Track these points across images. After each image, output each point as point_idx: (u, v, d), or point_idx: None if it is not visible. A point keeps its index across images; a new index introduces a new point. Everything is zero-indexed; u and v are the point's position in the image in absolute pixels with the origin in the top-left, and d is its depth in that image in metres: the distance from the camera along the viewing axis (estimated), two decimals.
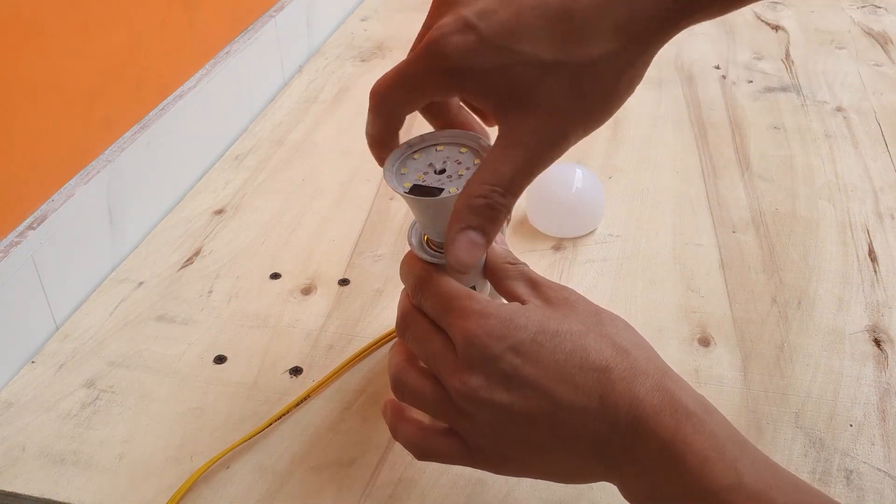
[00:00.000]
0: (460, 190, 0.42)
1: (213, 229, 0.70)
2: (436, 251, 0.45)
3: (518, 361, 0.40)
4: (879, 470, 0.49)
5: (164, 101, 0.72)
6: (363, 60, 0.97)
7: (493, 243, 0.45)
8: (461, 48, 0.38)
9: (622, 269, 0.65)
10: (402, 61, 0.41)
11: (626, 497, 0.40)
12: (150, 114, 0.70)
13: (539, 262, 0.66)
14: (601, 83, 0.39)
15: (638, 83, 0.41)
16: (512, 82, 0.39)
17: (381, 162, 0.46)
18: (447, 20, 0.39)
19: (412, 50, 0.43)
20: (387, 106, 0.43)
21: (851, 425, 0.52)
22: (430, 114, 0.46)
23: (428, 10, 0.43)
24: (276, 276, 0.65)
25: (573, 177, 0.67)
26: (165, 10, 0.70)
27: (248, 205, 0.73)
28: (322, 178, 0.76)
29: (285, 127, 0.84)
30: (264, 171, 0.77)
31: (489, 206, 0.40)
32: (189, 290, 0.63)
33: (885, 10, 1.09)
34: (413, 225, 0.47)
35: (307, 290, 0.63)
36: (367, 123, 0.45)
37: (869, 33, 1.02)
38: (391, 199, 0.73)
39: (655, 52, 0.40)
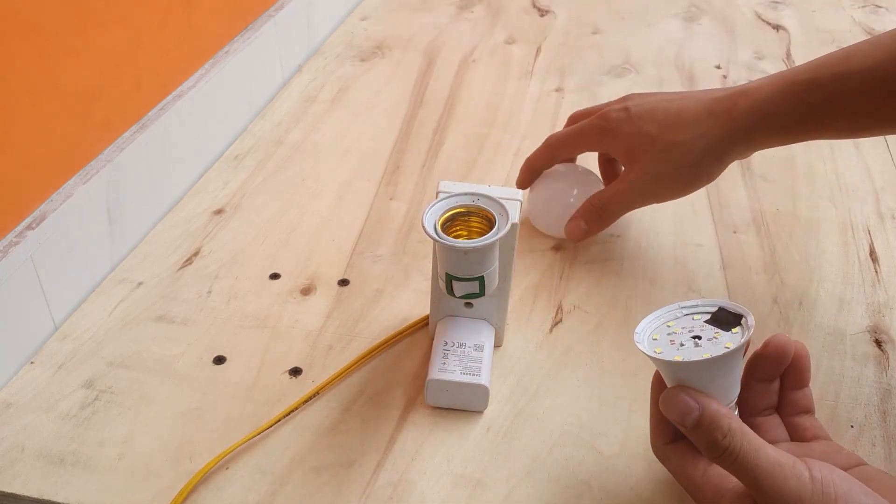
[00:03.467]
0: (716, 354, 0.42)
1: (212, 229, 0.69)
2: None
3: None
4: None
5: (164, 101, 0.72)
6: (363, 60, 0.97)
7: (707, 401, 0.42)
8: (615, 119, 0.62)
9: (623, 269, 0.65)
10: (577, 125, 0.66)
11: None
12: (150, 113, 0.70)
13: (539, 263, 0.65)
14: (685, 158, 0.60)
15: (716, 173, 0.61)
16: (632, 146, 0.61)
17: (524, 183, 0.68)
18: (616, 104, 0.64)
19: (571, 120, 0.70)
20: (559, 148, 0.67)
21: (852, 426, 0.52)
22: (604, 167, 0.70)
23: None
24: (275, 276, 0.64)
25: (574, 176, 0.67)
26: (165, 9, 0.70)
27: (248, 205, 0.72)
28: (322, 178, 0.76)
29: (285, 127, 0.84)
30: (264, 171, 0.77)
31: (590, 211, 0.64)
32: (188, 291, 0.63)
33: (886, 9, 1.09)
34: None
35: (307, 291, 0.63)
36: (535, 154, 0.68)
37: (870, 33, 1.02)
38: (391, 199, 0.73)
39: (734, 157, 0.60)
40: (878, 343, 0.58)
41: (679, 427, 0.42)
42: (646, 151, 0.60)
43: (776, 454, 0.39)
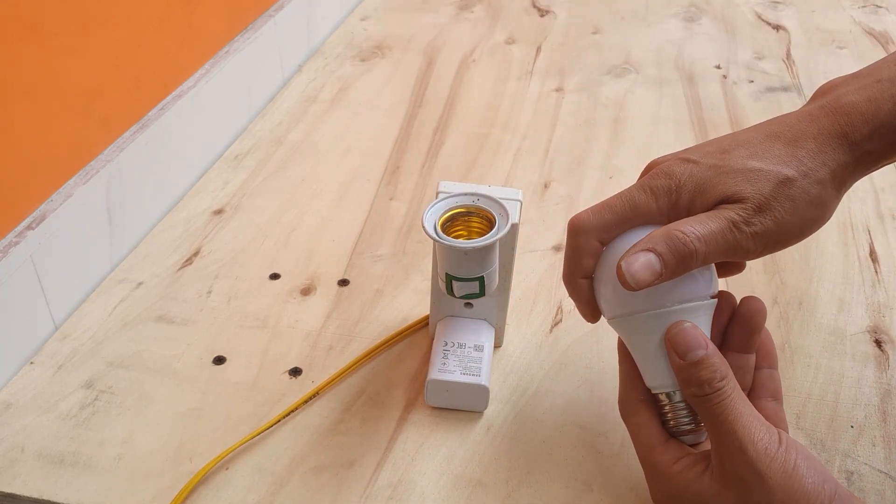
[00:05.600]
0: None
1: (212, 229, 0.69)
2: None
3: None
4: (880, 471, 0.49)
5: (164, 101, 0.72)
6: (363, 60, 0.97)
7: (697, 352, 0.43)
8: (684, 172, 0.46)
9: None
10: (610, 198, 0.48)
11: None
12: (150, 113, 0.70)
13: (539, 263, 0.65)
14: (807, 194, 0.44)
15: (825, 213, 0.45)
16: (726, 189, 0.44)
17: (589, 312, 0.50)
18: (667, 160, 0.47)
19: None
20: (593, 231, 0.47)
21: (852, 426, 0.52)
22: None
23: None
24: (275, 276, 0.64)
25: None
26: (165, 9, 0.70)
27: (248, 205, 0.72)
28: (322, 178, 0.76)
29: (285, 127, 0.84)
30: (263, 170, 0.77)
31: (682, 242, 0.42)
32: (188, 291, 0.63)
33: (886, 9, 1.09)
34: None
35: (307, 291, 0.63)
36: (567, 259, 0.48)
37: (870, 33, 1.02)
38: (391, 199, 0.73)
39: (839, 189, 0.45)
40: (878, 343, 0.58)
41: (675, 359, 0.43)
42: (742, 185, 0.44)
43: (756, 412, 0.42)
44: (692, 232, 0.42)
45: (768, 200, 0.43)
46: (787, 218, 0.43)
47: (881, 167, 0.46)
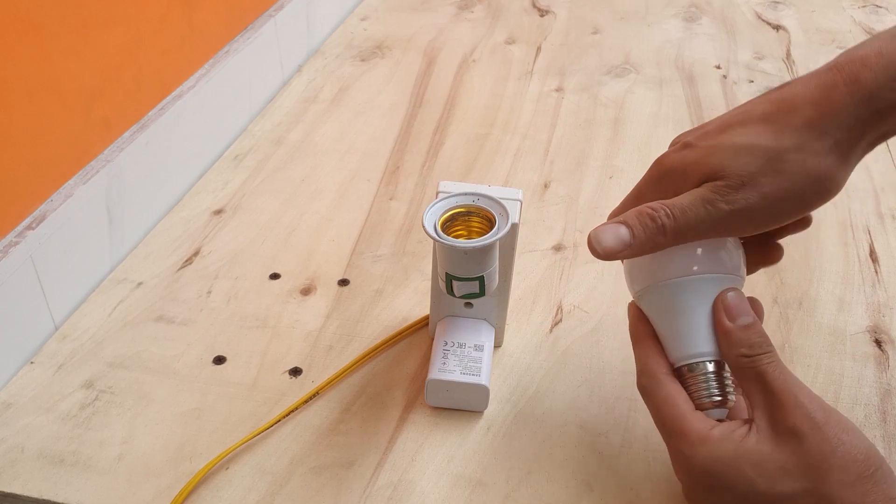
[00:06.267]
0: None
1: (212, 229, 0.69)
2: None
3: None
4: None
5: (164, 101, 0.72)
6: (363, 60, 0.97)
7: (740, 317, 0.44)
8: (678, 157, 0.46)
9: (623, 269, 0.65)
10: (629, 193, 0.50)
11: None
12: (150, 113, 0.70)
13: (539, 263, 0.65)
14: (789, 164, 0.42)
15: (829, 185, 0.43)
16: (714, 167, 0.44)
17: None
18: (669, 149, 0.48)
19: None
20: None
21: None
22: None
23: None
24: (275, 276, 0.64)
25: None
26: (165, 9, 0.70)
27: (248, 205, 0.72)
28: (322, 178, 0.76)
29: (285, 127, 0.84)
30: (263, 171, 0.77)
31: (651, 217, 0.44)
32: (188, 291, 0.63)
33: (886, 9, 1.09)
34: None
35: (307, 291, 0.63)
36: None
37: (870, 33, 1.02)
38: (391, 199, 0.73)
39: (846, 158, 0.42)
40: (878, 343, 0.58)
41: (724, 323, 0.43)
42: (728, 161, 0.43)
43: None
44: (661, 207, 0.43)
45: (754, 176, 0.42)
46: (779, 192, 0.42)
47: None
